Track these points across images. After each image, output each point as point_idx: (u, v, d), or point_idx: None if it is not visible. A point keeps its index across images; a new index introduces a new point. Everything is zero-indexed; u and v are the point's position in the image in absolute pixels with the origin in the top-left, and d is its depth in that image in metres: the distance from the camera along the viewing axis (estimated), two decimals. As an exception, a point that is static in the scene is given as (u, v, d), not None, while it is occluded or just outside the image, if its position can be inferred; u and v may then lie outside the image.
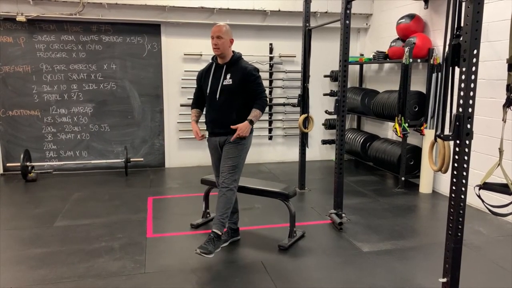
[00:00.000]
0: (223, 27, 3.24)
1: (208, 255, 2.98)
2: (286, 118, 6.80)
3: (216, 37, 3.21)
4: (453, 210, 2.34)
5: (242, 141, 3.28)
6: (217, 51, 3.24)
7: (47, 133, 6.02)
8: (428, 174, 5.08)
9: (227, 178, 3.22)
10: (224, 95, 3.25)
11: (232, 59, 3.30)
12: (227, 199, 3.20)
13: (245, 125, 3.20)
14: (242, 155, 3.31)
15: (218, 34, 3.20)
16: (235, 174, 3.26)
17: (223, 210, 3.18)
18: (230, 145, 3.27)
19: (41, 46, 5.80)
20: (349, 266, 3.17)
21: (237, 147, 3.27)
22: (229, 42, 3.26)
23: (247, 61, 3.41)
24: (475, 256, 3.34)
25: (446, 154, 2.31)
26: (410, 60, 4.96)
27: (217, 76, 3.31)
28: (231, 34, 3.28)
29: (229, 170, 3.24)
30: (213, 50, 3.27)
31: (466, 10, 2.18)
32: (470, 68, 2.18)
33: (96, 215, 4.27)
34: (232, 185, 3.23)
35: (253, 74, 3.27)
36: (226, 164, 3.25)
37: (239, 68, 3.27)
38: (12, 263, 3.19)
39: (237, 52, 3.37)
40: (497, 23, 4.18)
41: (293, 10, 6.26)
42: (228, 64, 3.30)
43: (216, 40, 3.21)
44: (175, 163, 6.48)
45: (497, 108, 4.16)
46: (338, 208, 4.12)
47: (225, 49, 3.25)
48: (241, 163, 3.32)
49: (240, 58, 3.35)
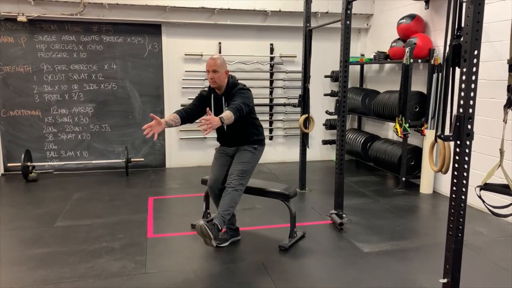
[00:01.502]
0: (218, 60, 3.29)
1: (210, 240, 2.93)
2: (287, 119, 6.80)
3: (212, 71, 3.26)
4: (454, 211, 2.34)
5: (254, 150, 3.44)
6: (214, 84, 3.31)
7: (48, 133, 6.02)
8: (429, 174, 5.07)
9: (235, 179, 3.26)
10: (229, 125, 3.26)
11: (228, 88, 3.36)
12: (232, 198, 3.21)
13: (215, 119, 2.93)
14: (252, 162, 3.41)
15: (214, 68, 3.25)
16: (243, 179, 3.31)
17: (226, 207, 3.18)
18: (243, 152, 3.40)
19: (42, 46, 5.81)
20: (350, 266, 3.17)
21: (250, 154, 3.40)
22: (224, 74, 3.32)
23: (240, 83, 3.44)
24: (475, 257, 3.34)
25: (446, 155, 2.31)
26: (410, 61, 4.95)
27: (218, 106, 3.40)
28: (225, 66, 3.34)
29: (238, 173, 3.29)
30: (209, 83, 3.34)
31: (467, 11, 2.18)
32: (470, 69, 2.18)
33: (96, 215, 4.27)
34: (239, 187, 3.25)
35: (239, 89, 3.33)
36: (236, 168, 3.32)
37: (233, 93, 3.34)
38: (12, 264, 3.19)
39: (231, 76, 3.41)
40: (497, 24, 4.17)
41: (294, 10, 6.26)
42: (225, 94, 3.38)
43: (212, 74, 3.26)
44: (175, 164, 6.49)
45: (497, 108, 4.16)
46: (338, 208, 4.12)
47: (221, 82, 3.32)
48: (250, 170, 3.39)
49: (235, 83, 3.40)
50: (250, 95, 3.36)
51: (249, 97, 3.33)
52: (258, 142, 3.51)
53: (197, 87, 6.30)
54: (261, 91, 6.57)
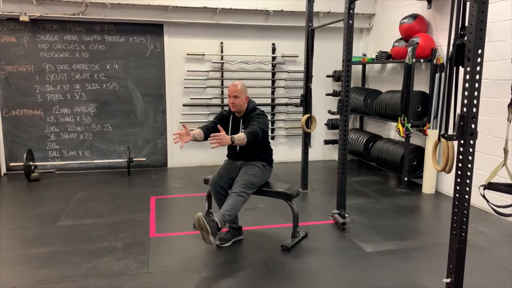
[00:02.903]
0: (239, 85, 3.45)
1: (208, 235, 2.93)
2: (289, 118, 6.79)
3: (233, 97, 3.43)
4: (457, 211, 2.33)
5: (262, 167, 3.51)
6: (235, 108, 3.48)
7: (50, 133, 6.03)
8: (431, 174, 5.07)
9: (240, 186, 3.33)
10: None
11: (247, 111, 3.52)
12: (234, 202, 3.25)
13: (226, 137, 3.10)
14: (260, 178, 3.48)
15: (235, 94, 3.42)
16: (248, 189, 3.37)
17: (228, 208, 3.22)
18: (252, 166, 3.49)
19: (44, 46, 5.82)
20: (352, 266, 3.16)
21: (258, 169, 3.49)
22: (244, 100, 3.48)
23: (258, 108, 3.61)
24: (479, 257, 3.33)
25: (450, 154, 2.31)
26: (413, 60, 4.95)
27: (235, 128, 3.57)
28: (246, 92, 3.50)
29: (244, 183, 3.36)
30: (230, 107, 3.51)
31: (471, 10, 2.17)
32: (474, 68, 2.18)
33: (99, 214, 4.27)
34: (242, 193, 3.30)
35: (257, 114, 3.49)
36: (244, 178, 3.40)
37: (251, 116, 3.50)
38: (15, 263, 3.19)
39: (251, 101, 3.56)
40: (500, 23, 4.16)
41: (296, 10, 6.26)
42: (244, 117, 3.54)
43: (233, 99, 3.44)
44: (177, 163, 6.49)
45: (500, 108, 4.15)
46: (341, 208, 4.11)
47: (241, 106, 3.48)
48: (256, 184, 3.46)
49: (254, 108, 3.55)
50: (267, 121, 3.52)
51: (265, 123, 3.47)
52: (267, 161, 3.59)
53: (199, 86, 6.31)
54: (263, 91, 6.57)
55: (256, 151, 3.52)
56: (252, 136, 3.27)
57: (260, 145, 3.54)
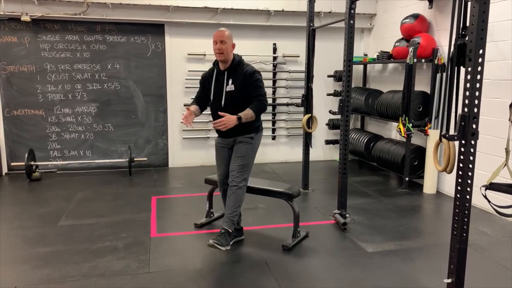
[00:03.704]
0: (226, 31, 3.26)
1: (221, 247, 3.06)
2: (290, 118, 6.79)
3: (219, 42, 3.21)
4: (458, 211, 2.33)
5: (251, 140, 3.31)
6: (221, 56, 3.24)
7: (51, 133, 6.04)
8: (432, 174, 5.06)
9: (236, 176, 3.25)
10: (228, 101, 3.25)
11: (233, 64, 3.29)
12: (237, 197, 3.24)
13: (231, 118, 3.09)
14: (250, 154, 3.34)
15: (221, 39, 3.21)
16: (244, 173, 3.30)
17: (233, 208, 3.22)
18: (240, 145, 3.30)
19: (45, 46, 5.83)
20: (353, 266, 3.16)
21: (246, 146, 3.30)
22: (231, 47, 3.27)
23: (248, 63, 3.39)
24: (480, 257, 3.33)
25: (451, 155, 2.30)
26: (414, 60, 4.94)
27: (219, 82, 3.31)
28: (232, 39, 3.30)
29: (239, 169, 3.27)
30: (216, 55, 3.26)
31: (472, 10, 2.17)
32: (476, 68, 2.17)
33: (100, 214, 4.28)
34: (242, 183, 3.27)
35: (252, 76, 3.24)
36: (236, 163, 3.29)
37: (240, 73, 3.27)
38: (16, 263, 3.20)
39: (237, 55, 3.35)
40: (501, 23, 4.16)
41: (297, 10, 6.26)
42: (229, 69, 3.29)
43: (220, 45, 3.21)
44: (178, 163, 6.49)
45: (501, 108, 4.14)
46: (342, 208, 4.11)
47: (228, 54, 3.25)
48: (250, 162, 3.36)
49: (241, 61, 3.34)
50: (263, 83, 3.33)
51: (262, 85, 3.30)
52: (254, 130, 3.35)
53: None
54: (264, 91, 6.56)
55: (246, 123, 3.23)
56: (260, 111, 3.21)
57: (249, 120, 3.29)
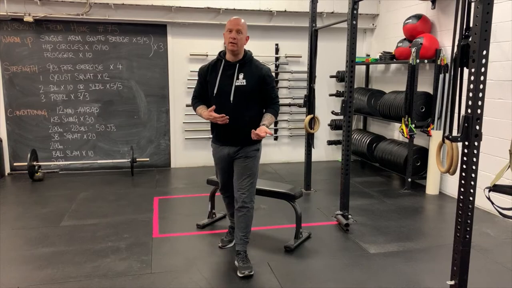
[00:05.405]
0: (242, 20, 2.94)
1: (251, 269, 3.02)
2: (292, 119, 6.79)
3: (235, 31, 2.88)
4: (462, 212, 2.32)
5: (257, 153, 3.10)
6: (234, 46, 2.89)
7: (54, 133, 6.05)
8: (435, 175, 5.04)
9: (246, 196, 3.05)
10: (237, 97, 2.95)
11: (245, 58, 3.00)
12: (248, 218, 3.11)
13: (263, 128, 2.86)
14: (257, 165, 3.14)
15: (238, 28, 2.88)
16: (253, 190, 3.12)
17: (246, 229, 3.12)
18: (248, 160, 3.05)
19: (48, 46, 5.84)
20: (356, 267, 3.15)
21: (254, 161, 3.08)
22: (245, 39, 2.97)
23: (259, 60, 3.15)
24: (483, 259, 3.31)
25: (454, 156, 2.30)
26: (417, 61, 4.93)
27: (227, 75, 2.97)
28: (247, 31, 3.00)
29: (248, 187, 3.06)
30: (228, 44, 2.92)
31: (476, 11, 2.16)
32: (479, 69, 2.17)
33: (102, 215, 4.28)
34: (251, 203, 3.10)
35: (269, 76, 3.04)
36: (244, 181, 3.06)
37: (253, 69, 3.00)
38: (19, 263, 3.20)
39: (248, 50, 3.08)
40: (504, 24, 4.14)
41: (300, 10, 6.25)
42: (241, 62, 2.98)
43: (235, 34, 2.87)
44: (180, 163, 6.49)
45: (505, 109, 4.12)
46: (344, 209, 4.11)
47: (241, 46, 2.94)
48: (256, 175, 3.16)
49: (252, 57, 3.07)
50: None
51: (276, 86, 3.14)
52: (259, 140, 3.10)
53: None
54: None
55: (253, 125, 2.95)
56: (278, 112, 3.05)
57: (256, 114, 3.04)
